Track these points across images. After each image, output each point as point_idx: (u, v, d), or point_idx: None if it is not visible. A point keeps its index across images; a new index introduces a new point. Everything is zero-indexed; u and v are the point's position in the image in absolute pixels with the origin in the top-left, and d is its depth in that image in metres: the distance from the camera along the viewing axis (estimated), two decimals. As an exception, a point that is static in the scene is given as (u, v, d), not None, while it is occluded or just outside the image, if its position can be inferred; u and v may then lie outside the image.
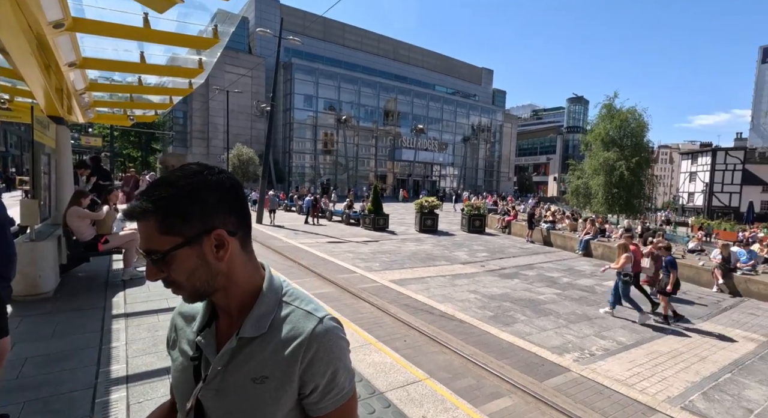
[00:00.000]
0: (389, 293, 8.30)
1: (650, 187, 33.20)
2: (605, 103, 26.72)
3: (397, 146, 48.49)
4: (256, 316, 0.88)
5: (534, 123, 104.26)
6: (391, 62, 52.61)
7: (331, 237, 15.85)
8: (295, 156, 42.16)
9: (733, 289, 10.23)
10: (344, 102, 44.14)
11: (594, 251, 15.07)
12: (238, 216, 0.88)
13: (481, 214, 20.68)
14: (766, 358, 6.16)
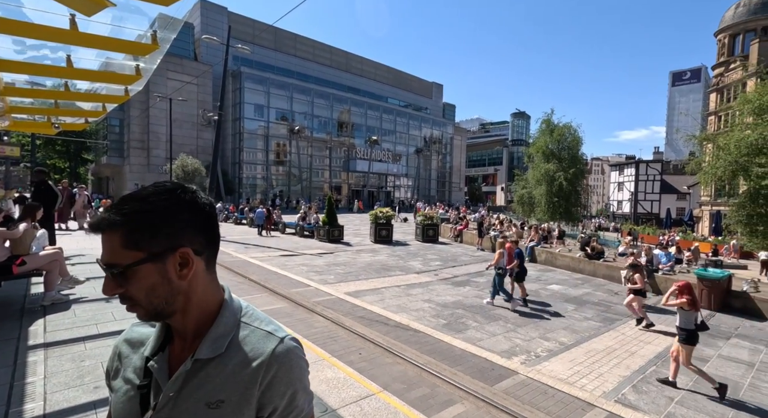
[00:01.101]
0: (344, 306, 8.20)
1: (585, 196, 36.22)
2: (544, 119, 28.82)
3: (352, 157, 48.59)
4: (214, 336, 0.86)
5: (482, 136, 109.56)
6: (343, 74, 52.96)
7: (284, 250, 15.41)
8: (245, 167, 40.68)
9: (656, 288, 11.33)
10: (297, 112, 43.57)
11: (538, 257, 16.01)
12: (207, 236, 0.88)
13: (435, 223, 21.21)
14: (684, 349, 6.86)
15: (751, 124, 17.32)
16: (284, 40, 47.06)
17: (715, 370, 6.01)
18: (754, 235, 16.87)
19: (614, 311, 9.19)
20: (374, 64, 57.57)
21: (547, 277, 13.07)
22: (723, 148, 17.81)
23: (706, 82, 73.59)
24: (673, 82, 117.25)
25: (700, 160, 20.51)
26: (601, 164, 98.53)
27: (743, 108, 18.47)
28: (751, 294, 9.53)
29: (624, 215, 55.81)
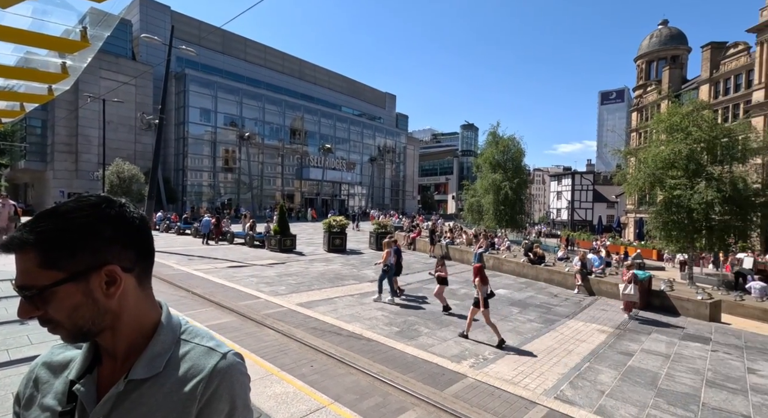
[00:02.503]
0: (296, 317, 7.99)
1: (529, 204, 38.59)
2: (490, 131, 30.42)
3: (305, 165, 47.81)
4: (150, 356, 0.82)
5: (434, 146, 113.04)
6: (296, 81, 52.25)
7: (233, 261, 14.71)
8: (190, 174, 38.44)
9: (590, 289, 12.30)
10: (247, 118, 42.14)
11: (486, 263, 16.70)
12: (138, 251, 0.83)
13: (389, 232, 21.40)
14: (613, 346, 7.50)
15: (664, 140, 19.59)
16: (233, 43, 45.55)
17: (639, 363, 6.63)
18: (669, 239, 18.94)
19: (554, 313, 9.82)
20: (328, 73, 57.49)
21: (495, 282, 13.64)
22: (643, 162, 19.92)
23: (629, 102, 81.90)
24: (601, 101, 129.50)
25: (625, 172, 22.76)
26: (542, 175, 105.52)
27: (657, 127, 20.88)
28: (668, 293, 10.67)
29: (562, 222, 60.11)
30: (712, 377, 6.16)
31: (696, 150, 18.13)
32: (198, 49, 38.06)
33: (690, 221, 17.57)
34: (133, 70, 35.30)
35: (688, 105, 20.69)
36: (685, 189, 17.32)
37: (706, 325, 9.38)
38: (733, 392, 5.62)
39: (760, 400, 5.43)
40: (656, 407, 5.05)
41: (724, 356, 7.22)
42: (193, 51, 17.23)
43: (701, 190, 16.80)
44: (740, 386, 5.87)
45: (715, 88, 32.67)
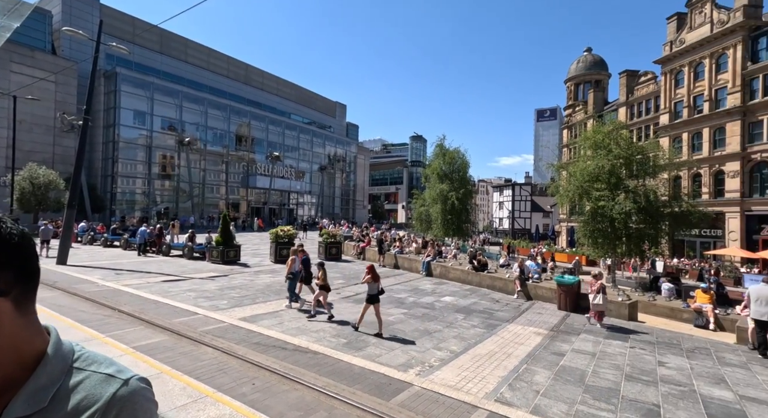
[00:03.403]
0: (238, 333, 7.59)
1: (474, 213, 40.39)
2: (438, 143, 31.57)
3: (252, 173, 46.02)
4: (32, 389, 0.73)
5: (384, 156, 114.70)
6: (243, 86, 50.46)
7: (168, 275, 13.66)
8: (121, 180, 35.27)
9: (528, 294, 13.09)
10: (188, 122, 39.75)
11: (434, 271, 17.14)
12: (18, 272, 0.75)
13: (338, 241, 21.21)
14: (548, 347, 8.02)
15: (590, 156, 21.63)
16: (172, 43, 43.02)
17: (569, 362, 7.15)
18: (596, 246, 20.79)
19: (496, 318, 10.30)
20: (277, 80, 56.28)
21: (441, 289, 14.06)
22: (572, 175, 21.79)
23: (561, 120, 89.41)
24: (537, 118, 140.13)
25: (558, 184, 24.75)
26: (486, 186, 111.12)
27: (584, 143, 23.02)
28: (594, 295, 11.65)
29: (504, 231, 63.63)
30: (630, 371, 6.82)
31: (616, 165, 20.20)
32: (132, 47, 35.45)
33: (612, 229, 19.44)
34: (53, 65, 31.90)
35: (609, 125, 23.08)
36: (608, 200, 19.18)
37: (625, 324, 10.38)
38: (647, 384, 6.26)
39: (667, 389, 6.09)
40: (584, 402, 5.47)
41: (639, 351, 8.03)
42: (125, 49, 15.99)
43: (621, 201, 18.71)
44: (652, 378, 6.56)
45: (630, 110, 36.83)
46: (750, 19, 25.96)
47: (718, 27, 27.59)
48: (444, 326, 9.22)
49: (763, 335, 8.21)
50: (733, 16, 26.76)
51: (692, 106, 29.73)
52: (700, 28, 28.91)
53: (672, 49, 31.04)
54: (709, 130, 28.24)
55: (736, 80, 26.45)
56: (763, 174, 25.37)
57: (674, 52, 30.78)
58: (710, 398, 5.87)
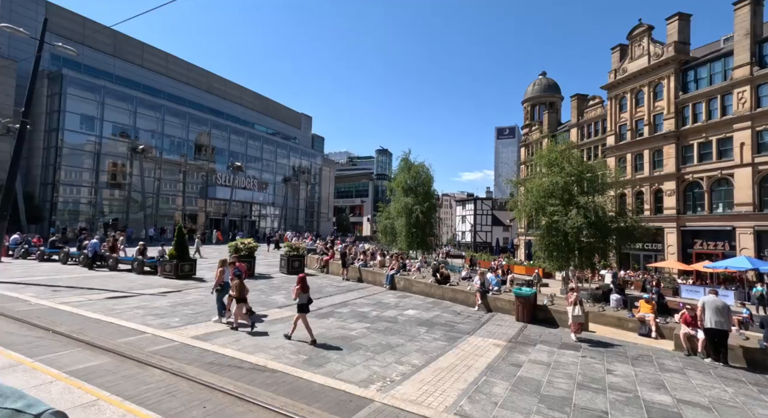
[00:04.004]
0: (190, 353, 7.16)
1: (438, 227, 41.15)
2: (403, 158, 32.10)
3: (211, 183, 44.27)
4: None
5: (350, 168, 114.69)
6: (204, 94, 48.86)
7: (114, 291, 12.71)
8: (63, 189, 32.62)
9: (488, 306, 13.42)
10: (142, 130, 37.72)
11: (398, 284, 17.17)
12: None
13: (301, 254, 20.77)
14: (506, 359, 8.23)
15: (545, 173, 22.86)
16: (127, 47, 41.02)
17: (526, 373, 7.36)
18: (551, 259, 21.78)
19: (457, 330, 10.44)
20: (240, 89, 55.09)
21: (405, 303, 14.09)
22: (529, 191, 22.88)
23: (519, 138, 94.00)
24: (497, 135, 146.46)
25: (516, 199, 25.89)
26: (449, 200, 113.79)
27: (540, 161, 24.35)
28: (549, 307, 12.17)
29: (467, 244, 65.20)
30: (582, 380, 7.13)
31: (569, 182, 21.46)
32: (81, 48, 33.53)
33: (566, 243, 20.51)
34: (-12, 63, 29.37)
35: (562, 145, 24.60)
36: (561, 215, 20.26)
37: (581, 334, 10.87)
38: (596, 392, 6.56)
39: (614, 396, 6.42)
40: (539, 412, 5.63)
41: (590, 360, 8.43)
42: (72, 50, 15.03)
43: (573, 216, 19.82)
44: (601, 385, 6.89)
45: (581, 131, 39.49)
46: (680, 53, 28.94)
47: (654, 59, 30.48)
48: (406, 339, 9.22)
49: (717, 343, 8.90)
50: (666, 50, 29.70)
51: (634, 130, 32.39)
52: (640, 59, 31.80)
53: (616, 77, 33.83)
54: (649, 152, 30.81)
55: (670, 107, 29.20)
56: (695, 193, 27.94)
57: (618, 80, 33.56)
58: (652, 403, 6.25)
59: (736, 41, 25.45)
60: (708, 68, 27.62)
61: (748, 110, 24.45)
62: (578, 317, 10.17)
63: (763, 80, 23.94)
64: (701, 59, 28.40)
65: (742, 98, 24.82)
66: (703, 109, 27.33)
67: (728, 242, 25.50)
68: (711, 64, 27.48)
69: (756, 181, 24.04)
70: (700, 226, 27.31)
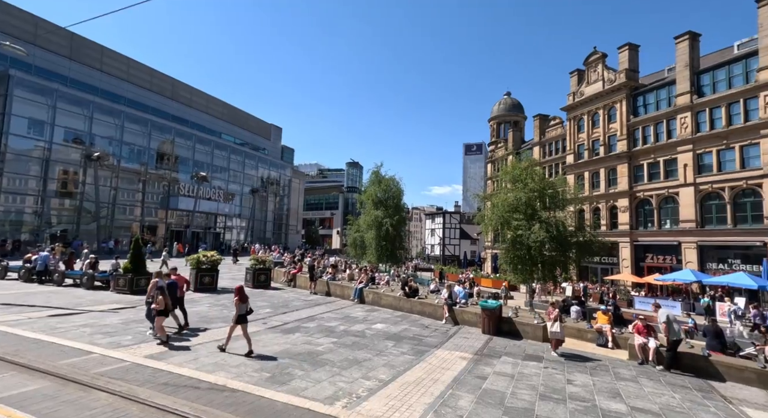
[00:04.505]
0: (142, 373, 6.70)
1: (407, 240, 41.47)
2: (374, 171, 32.31)
3: (173, 193, 42.40)
4: None
5: (320, 181, 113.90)
6: (168, 101, 47.11)
7: (58, 308, 11.75)
8: (4, 197, 30.11)
9: (455, 319, 13.55)
10: (99, 136, 35.69)
11: (366, 298, 17.01)
12: None
13: (267, 268, 20.18)
14: (472, 371, 8.30)
15: (510, 189, 23.72)
16: (85, 49, 39.05)
17: (491, 385, 7.45)
18: (516, 272, 22.43)
19: (425, 344, 10.44)
20: (207, 97, 53.70)
21: (373, 316, 13.96)
22: (495, 206, 23.61)
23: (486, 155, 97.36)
24: (465, 151, 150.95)
25: (483, 214, 26.63)
26: (419, 213, 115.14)
27: (505, 177, 25.27)
28: (514, 319, 12.46)
29: (436, 257, 65.93)
30: (543, 390, 7.30)
31: (532, 198, 22.37)
32: (32, 49, 31.68)
33: (529, 257, 21.23)
34: None
35: (525, 162, 25.71)
36: (525, 229, 21.02)
37: (540, 345, 11.19)
38: (557, 402, 6.74)
39: (574, 406, 6.62)
40: (503, 423, 5.69)
41: (552, 371, 8.66)
42: (22, 49, 14.15)
43: (536, 231, 20.60)
44: (562, 396, 7.09)
45: (543, 149, 41.48)
46: (630, 80, 31.32)
47: (608, 84, 32.78)
48: (374, 354, 9.10)
49: (672, 353, 9.41)
50: (618, 77, 32.05)
51: (591, 149, 34.42)
52: (595, 84, 34.09)
53: (574, 100, 36.02)
54: (605, 170, 32.78)
55: (623, 130, 31.35)
56: (646, 210, 29.89)
57: (576, 102, 35.74)
58: (608, 411, 6.49)
59: (678, 72, 27.90)
60: (655, 95, 30.02)
61: (689, 134, 26.69)
62: (556, 333, 10.15)
63: (702, 107, 26.30)
64: (649, 86, 30.85)
65: (684, 123, 27.10)
66: (652, 132, 29.56)
67: (675, 256, 27.33)
68: (657, 91, 29.90)
69: (698, 199, 26.09)
70: (651, 241, 29.16)
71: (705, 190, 25.77)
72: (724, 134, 24.88)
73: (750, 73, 24.20)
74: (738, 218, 24.20)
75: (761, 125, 23.03)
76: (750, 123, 23.67)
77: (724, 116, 25.07)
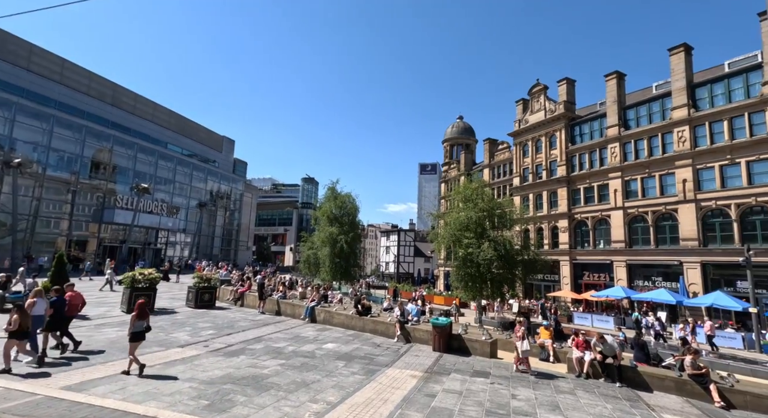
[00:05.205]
0: (56, 407, 5.94)
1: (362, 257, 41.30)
2: (330, 187, 32.15)
3: (109, 206, 39.09)
4: None
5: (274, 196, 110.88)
6: (108, 107, 43.74)
7: (-43, 335, 10.16)
8: None
9: (407, 337, 13.56)
10: (21, 141, 32.21)
11: (318, 317, 16.56)
12: None
13: (212, 286, 19.05)
14: (421, 390, 8.30)
15: (461, 208, 24.62)
16: (10, 46, 35.45)
17: (440, 403, 7.49)
18: (466, 289, 23.06)
19: (376, 363, 10.30)
20: (153, 105, 50.75)
21: (324, 336, 13.59)
22: (447, 224, 24.36)
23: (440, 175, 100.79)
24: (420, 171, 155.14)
25: (436, 232, 27.30)
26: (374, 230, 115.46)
27: (456, 197, 26.24)
28: (464, 336, 12.71)
29: (390, 275, 66.05)
30: (490, 406, 7.46)
31: (482, 217, 23.36)
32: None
33: (479, 274, 21.97)
34: None
35: (476, 183, 26.92)
36: (475, 248, 21.80)
37: (488, 361, 11.49)
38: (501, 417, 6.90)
39: (518, 419, 6.81)
40: (450, 442, 5.70)
41: (497, 386, 8.90)
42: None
43: (485, 249, 21.44)
44: (506, 411, 7.28)
45: (492, 171, 43.75)
46: (568, 111, 34.31)
47: (549, 114, 35.62)
48: (323, 375, 8.82)
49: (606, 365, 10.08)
50: (558, 107, 34.99)
51: (535, 173, 36.88)
52: (538, 113, 36.90)
53: (520, 126, 38.65)
54: (547, 193, 35.18)
55: (562, 156, 34.01)
56: (583, 230, 32.32)
57: (521, 129, 38.35)
58: (549, 423, 6.75)
59: (608, 106, 31.06)
60: (589, 125, 33.07)
61: (618, 163, 29.55)
62: (527, 351, 10.26)
63: (628, 139, 29.34)
64: (584, 117, 33.96)
65: (614, 153, 30.01)
66: (587, 159, 32.36)
67: (608, 274, 29.65)
68: (591, 123, 32.97)
69: (626, 222, 28.72)
70: (587, 259, 31.44)
71: (632, 213, 28.47)
72: (647, 164, 27.85)
73: (666, 111, 27.52)
74: (659, 239, 26.90)
75: (676, 157, 26.10)
76: (667, 155, 26.74)
77: (647, 148, 28.13)
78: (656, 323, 20.74)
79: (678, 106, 26.39)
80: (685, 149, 25.65)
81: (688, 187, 25.23)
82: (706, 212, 24.52)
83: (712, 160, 24.45)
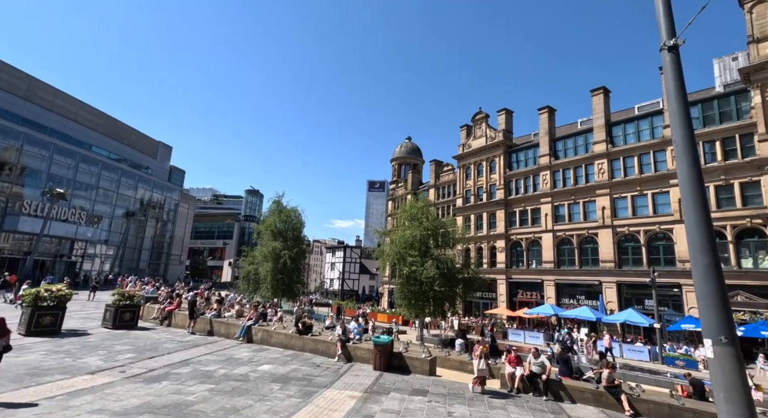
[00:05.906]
0: None
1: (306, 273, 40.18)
2: (275, 200, 31.19)
3: (13, 212, 34.34)
4: None
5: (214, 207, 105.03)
6: (20, 101, 38.91)
7: None
8: None
9: (348, 356, 13.30)
10: None
11: (255, 336, 15.67)
12: None
13: (135, 304, 17.30)
14: (359, 411, 8.13)
15: (407, 226, 25.14)
16: None
17: (378, 423, 7.38)
18: (409, 307, 23.32)
19: (314, 384, 9.94)
20: (77, 103, 46.19)
21: (260, 357, 12.87)
22: (393, 242, 24.66)
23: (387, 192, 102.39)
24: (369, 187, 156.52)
25: (382, 249, 27.50)
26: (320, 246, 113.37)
27: (403, 215, 26.79)
28: (404, 354, 12.77)
29: (335, 292, 64.87)
30: (427, 424, 7.50)
31: (426, 236, 23.99)
32: None
33: (421, 292, 22.37)
34: None
35: (422, 202, 27.73)
36: (419, 266, 22.25)
37: (427, 379, 11.61)
38: (438, 434, 6.96)
39: (453, 437, 6.91)
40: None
41: (435, 404, 9.00)
42: None
43: (428, 267, 21.96)
44: (443, 427, 7.36)
45: (438, 191, 45.42)
46: (506, 139, 37.00)
47: (489, 140, 38.10)
48: (256, 400, 8.31)
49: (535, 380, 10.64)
50: (497, 135, 37.59)
51: (476, 195, 38.93)
52: (480, 139, 39.32)
53: (463, 150, 40.81)
54: (487, 214, 37.20)
55: (500, 180, 36.36)
56: (518, 251, 34.48)
57: (464, 153, 40.52)
58: (482, 438, 6.93)
59: (540, 137, 34.00)
60: (524, 154, 35.85)
61: (549, 189, 32.24)
62: (482, 370, 10.42)
63: (557, 168, 32.22)
64: (520, 146, 36.78)
65: (546, 180, 32.73)
66: (522, 184, 34.91)
67: (539, 292, 31.76)
68: (526, 151, 35.79)
69: (555, 244, 31.18)
70: (521, 278, 33.48)
71: (560, 236, 31.00)
72: (573, 191, 30.71)
73: (588, 145, 30.77)
74: (583, 260, 29.51)
75: (597, 186, 29.13)
76: (589, 184, 29.76)
77: (573, 176, 31.09)
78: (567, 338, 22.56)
79: (598, 141, 29.67)
80: (604, 180, 28.75)
81: (606, 214, 28.17)
82: (620, 237, 27.47)
83: (625, 190, 27.65)
